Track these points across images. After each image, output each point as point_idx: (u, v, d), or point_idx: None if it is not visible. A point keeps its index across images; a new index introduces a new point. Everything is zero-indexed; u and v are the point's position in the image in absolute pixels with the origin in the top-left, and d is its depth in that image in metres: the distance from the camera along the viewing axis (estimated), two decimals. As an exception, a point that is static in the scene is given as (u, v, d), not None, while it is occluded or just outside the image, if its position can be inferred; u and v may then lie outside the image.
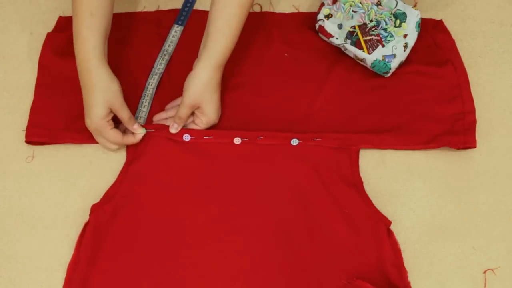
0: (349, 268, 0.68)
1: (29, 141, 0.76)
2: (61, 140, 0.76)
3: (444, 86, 0.79)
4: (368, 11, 0.80)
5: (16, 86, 0.81)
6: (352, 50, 0.79)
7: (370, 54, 0.78)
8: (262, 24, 0.86)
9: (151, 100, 0.79)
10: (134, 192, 0.72)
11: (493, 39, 0.86)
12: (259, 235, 0.70)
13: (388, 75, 0.80)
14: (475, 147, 0.75)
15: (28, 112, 0.77)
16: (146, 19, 0.86)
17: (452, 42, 0.83)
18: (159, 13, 0.87)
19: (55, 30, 0.84)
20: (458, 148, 0.76)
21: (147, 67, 0.82)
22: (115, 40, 0.83)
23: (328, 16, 0.81)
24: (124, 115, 0.71)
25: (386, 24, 0.79)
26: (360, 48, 0.78)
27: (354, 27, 0.79)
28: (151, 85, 0.80)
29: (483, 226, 0.73)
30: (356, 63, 0.82)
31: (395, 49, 0.78)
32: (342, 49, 0.81)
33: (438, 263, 0.71)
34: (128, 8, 0.88)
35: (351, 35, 0.79)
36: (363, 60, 0.79)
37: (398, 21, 0.79)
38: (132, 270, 0.68)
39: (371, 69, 0.80)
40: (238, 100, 0.79)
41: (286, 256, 0.69)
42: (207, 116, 0.73)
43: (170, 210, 0.71)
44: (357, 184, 0.73)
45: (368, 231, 0.70)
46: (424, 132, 0.76)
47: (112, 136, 0.71)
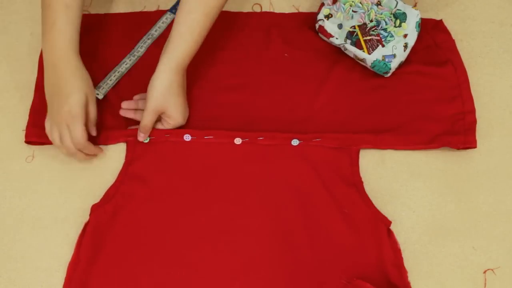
0: (349, 268, 0.68)
1: (29, 141, 0.76)
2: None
3: (444, 86, 0.79)
4: (368, 11, 0.80)
5: (16, 86, 0.81)
6: (352, 50, 0.79)
7: (370, 54, 0.78)
8: (262, 24, 0.85)
9: (119, 78, 0.80)
10: (134, 192, 0.72)
11: (493, 39, 0.86)
12: (259, 235, 0.70)
13: (388, 75, 0.80)
14: (475, 147, 0.75)
15: (28, 112, 0.77)
16: (146, 19, 0.86)
17: (452, 42, 0.83)
18: (159, 13, 0.87)
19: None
20: (458, 148, 0.76)
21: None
22: (115, 40, 0.84)
23: (328, 16, 0.81)
24: (93, 110, 0.72)
25: (386, 24, 0.79)
26: (360, 48, 0.78)
27: (354, 27, 0.79)
28: (126, 64, 0.80)
29: (483, 226, 0.73)
30: (356, 63, 0.82)
31: (395, 49, 0.78)
32: (342, 49, 0.81)
33: (438, 263, 0.71)
34: (128, 8, 0.88)
35: (351, 35, 0.79)
36: (363, 60, 0.79)
37: (398, 21, 0.79)
38: (132, 270, 0.68)
39: (371, 69, 0.80)
40: (238, 100, 0.79)
41: (286, 256, 0.69)
42: (173, 119, 0.74)
43: (170, 210, 0.71)
44: (357, 184, 0.73)
45: (368, 231, 0.70)
46: (424, 132, 0.76)
47: (81, 131, 0.69)
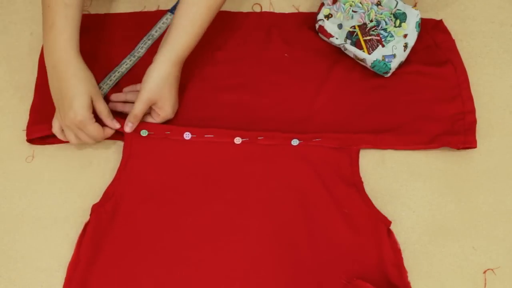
0: (349, 268, 0.68)
1: (30, 140, 0.76)
2: (61, 140, 0.75)
3: (444, 86, 0.79)
4: (368, 11, 0.80)
5: (16, 86, 0.81)
6: (352, 50, 0.79)
7: (370, 54, 0.78)
8: (262, 24, 0.85)
9: (119, 78, 0.79)
10: (134, 191, 0.72)
11: (493, 39, 0.86)
12: (259, 235, 0.70)
13: (388, 75, 0.80)
14: (475, 147, 0.75)
15: (28, 112, 0.77)
16: (146, 19, 0.86)
17: (452, 42, 0.83)
18: (159, 13, 0.87)
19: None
20: (458, 148, 0.76)
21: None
22: (115, 41, 0.84)
23: (328, 16, 0.81)
24: (102, 107, 0.71)
25: (386, 24, 0.79)
26: (360, 48, 0.78)
27: (354, 27, 0.79)
28: (126, 64, 0.80)
29: (483, 226, 0.73)
30: (356, 63, 0.82)
31: (395, 49, 0.78)
32: (342, 49, 0.81)
33: (438, 263, 0.71)
34: (128, 8, 0.88)
35: (351, 35, 0.79)
36: (363, 60, 0.79)
37: (398, 21, 0.79)
38: (132, 270, 0.68)
39: (371, 69, 0.80)
40: (238, 100, 0.79)
41: (286, 256, 0.69)
42: (164, 111, 0.73)
43: (170, 210, 0.71)
44: (357, 184, 0.73)
45: (368, 231, 0.70)
46: (424, 132, 0.76)
47: (96, 129, 0.70)
